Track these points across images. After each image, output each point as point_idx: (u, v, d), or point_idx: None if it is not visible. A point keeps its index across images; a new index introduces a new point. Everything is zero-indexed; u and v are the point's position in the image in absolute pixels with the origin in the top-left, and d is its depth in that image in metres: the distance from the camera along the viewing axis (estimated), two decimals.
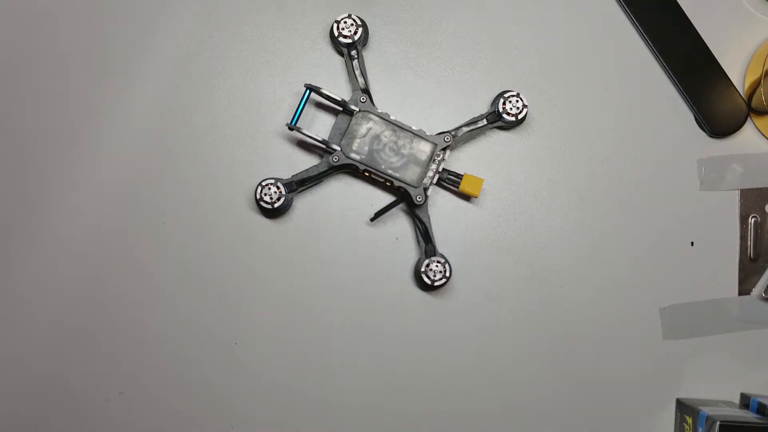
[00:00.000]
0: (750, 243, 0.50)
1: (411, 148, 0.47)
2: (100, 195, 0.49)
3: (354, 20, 0.47)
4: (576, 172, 0.50)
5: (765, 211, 0.50)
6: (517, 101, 0.48)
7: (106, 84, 0.50)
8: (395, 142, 0.47)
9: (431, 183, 0.47)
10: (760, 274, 0.50)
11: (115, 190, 0.49)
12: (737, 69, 0.50)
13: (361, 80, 0.48)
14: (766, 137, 0.50)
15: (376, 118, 0.47)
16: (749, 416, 0.45)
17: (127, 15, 0.50)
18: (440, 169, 0.47)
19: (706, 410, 0.45)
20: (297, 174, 0.48)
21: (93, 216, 0.49)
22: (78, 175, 0.49)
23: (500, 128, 0.50)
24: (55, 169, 0.49)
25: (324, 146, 0.47)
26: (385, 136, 0.47)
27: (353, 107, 0.47)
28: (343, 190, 0.50)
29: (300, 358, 0.49)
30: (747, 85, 0.50)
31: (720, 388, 0.49)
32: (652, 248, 0.50)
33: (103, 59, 0.50)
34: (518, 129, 0.50)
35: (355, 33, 0.47)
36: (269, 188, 0.47)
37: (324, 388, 0.49)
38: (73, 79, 0.50)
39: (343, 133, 0.47)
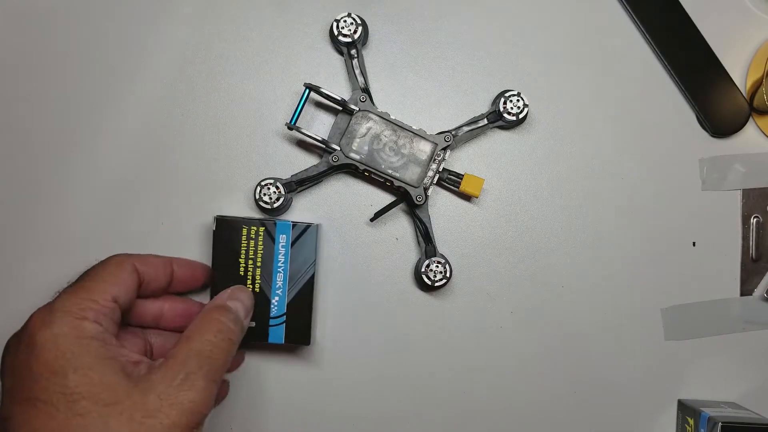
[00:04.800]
0: (752, 243, 0.49)
1: (411, 147, 0.47)
2: (98, 195, 0.49)
3: (354, 19, 0.47)
4: (577, 172, 0.50)
5: (767, 211, 0.50)
6: (518, 101, 0.47)
7: (104, 83, 0.49)
8: (395, 142, 0.47)
9: (431, 183, 0.47)
10: (762, 274, 0.49)
11: (113, 191, 0.49)
12: (739, 68, 0.50)
13: (360, 79, 0.48)
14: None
15: (376, 118, 0.47)
16: (751, 417, 0.45)
17: (125, 14, 0.50)
18: (440, 169, 0.47)
19: (708, 411, 0.45)
20: (296, 174, 0.48)
21: (91, 216, 0.49)
22: (76, 175, 0.49)
23: (501, 128, 0.50)
24: (52, 170, 0.49)
25: (323, 146, 0.47)
26: (385, 136, 0.47)
27: (353, 106, 0.47)
28: (343, 190, 0.49)
29: (299, 359, 0.49)
30: (749, 84, 0.49)
31: (722, 389, 0.49)
32: (654, 248, 0.49)
33: (101, 59, 0.49)
34: (519, 128, 0.50)
35: (355, 32, 0.47)
36: (268, 188, 0.47)
37: (323, 389, 0.49)
38: (70, 79, 0.49)
39: (343, 133, 0.47)
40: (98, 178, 0.49)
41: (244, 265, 0.45)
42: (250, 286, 0.45)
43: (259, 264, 0.45)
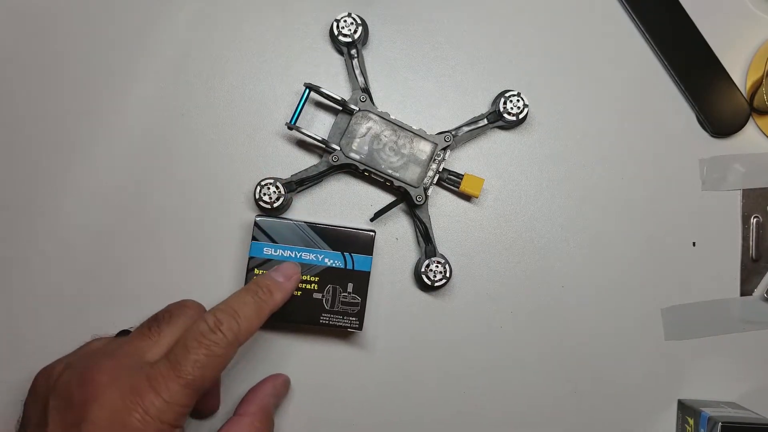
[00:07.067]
0: (752, 243, 0.49)
1: (411, 147, 0.47)
2: (98, 195, 0.49)
3: (354, 19, 0.47)
4: (577, 172, 0.50)
5: (767, 212, 0.50)
6: (518, 101, 0.47)
7: (104, 83, 0.49)
8: (395, 142, 0.47)
9: (431, 183, 0.47)
10: (762, 274, 0.49)
11: (113, 191, 0.49)
12: (739, 68, 0.50)
13: (360, 79, 0.48)
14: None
15: (376, 118, 0.47)
16: (751, 417, 0.45)
17: (125, 14, 0.50)
18: (440, 169, 0.47)
19: (708, 411, 0.45)
20: (296, 174, 0.48)
21: (90, 216, 0.49)
22: (75, 175, 0.49)
23: (501, 128, 0.50)
24: (52, 170, 0.49)
25: (323, 146, 0.47)
26: (385, 136, 0.47)
27: (353, 106, 0.47)
28: (343, 190, 0.49)
29: (298, 359, 0.49)
30: (749, 84, 0.49)
31: (722, 389, 0.49)
32: (654, 248, 0.49)
33: (101, 58, 0.49)
34: (519, 129, 0.50)
35: (355, 32, 0.47)
36: (268, 188, 0.47)
37: (321, 389, 0.49)
38: (69, 80, 0.49)
39: (343, 133, 0.47)
40: (97, 178, 0.49)
41: None
42: None
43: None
